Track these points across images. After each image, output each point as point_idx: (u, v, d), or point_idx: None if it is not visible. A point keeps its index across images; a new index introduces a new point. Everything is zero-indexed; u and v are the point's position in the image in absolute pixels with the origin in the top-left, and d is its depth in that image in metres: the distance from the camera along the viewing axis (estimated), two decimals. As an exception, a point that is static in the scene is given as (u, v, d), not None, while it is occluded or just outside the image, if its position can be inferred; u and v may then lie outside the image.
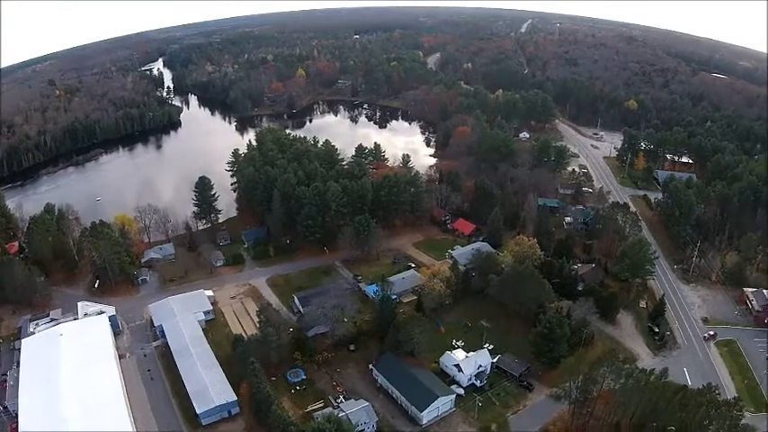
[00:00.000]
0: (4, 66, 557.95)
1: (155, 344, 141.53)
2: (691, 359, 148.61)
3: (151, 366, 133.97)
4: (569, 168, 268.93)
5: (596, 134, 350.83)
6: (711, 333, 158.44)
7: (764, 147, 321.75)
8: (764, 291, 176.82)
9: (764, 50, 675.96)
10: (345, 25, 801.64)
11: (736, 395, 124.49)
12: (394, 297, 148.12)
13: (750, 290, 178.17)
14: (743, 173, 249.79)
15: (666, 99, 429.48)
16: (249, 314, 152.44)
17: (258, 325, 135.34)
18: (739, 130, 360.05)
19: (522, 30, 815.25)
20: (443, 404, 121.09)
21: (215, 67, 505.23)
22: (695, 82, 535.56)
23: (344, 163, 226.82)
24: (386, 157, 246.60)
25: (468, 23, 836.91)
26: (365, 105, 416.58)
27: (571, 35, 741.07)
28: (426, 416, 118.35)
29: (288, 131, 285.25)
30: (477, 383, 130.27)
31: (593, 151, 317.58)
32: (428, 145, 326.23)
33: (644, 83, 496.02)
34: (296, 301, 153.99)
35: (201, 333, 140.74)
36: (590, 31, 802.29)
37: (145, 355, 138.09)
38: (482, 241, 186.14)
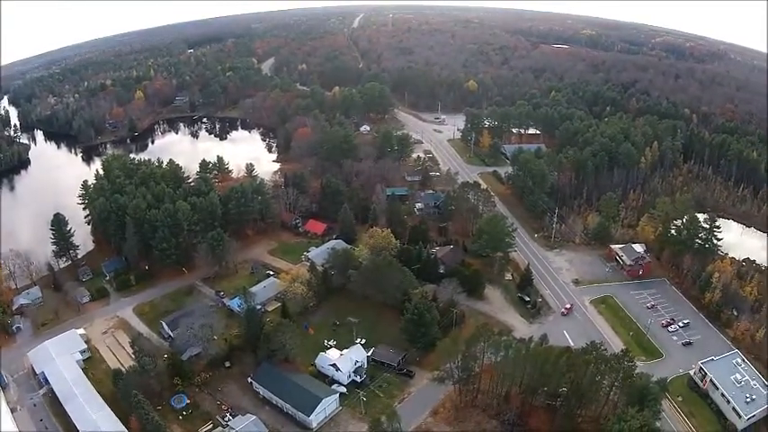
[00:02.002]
0: None
1: (41, 392, 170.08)
2: (569, 322, 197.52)
3: (42, 416, 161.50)
4: (414, 155, 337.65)
5: (438, 118, 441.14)
6: (568, 307, 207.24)
7: (614, 109, 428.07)
8: (633, 245, 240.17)
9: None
10: (179, 40, 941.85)
11: (624, 347, 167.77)
12: (258, 307, 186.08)
13: (617, 246, 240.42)
14: (594, 136, 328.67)
15: (507, 76, 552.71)
16: (123, 347, 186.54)
17: (134, 356, 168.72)
18: (587, 95, 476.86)
19: (355, 25, 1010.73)
20: (329, 405, 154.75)
21: (57, 99, 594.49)
22: (536, 55, 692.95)
23: (190, 181, 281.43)
24: (230, 168, 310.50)
25: (300, 24, 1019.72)
26: (204, 119, 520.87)
27: (405, 24, 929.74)
28: (315, 419, 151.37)
29: (132, 156, 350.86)
30: (358, 379, 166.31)
31: (436, 135, 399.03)
32: (270, 151, 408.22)
33: (483, 63, 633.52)
34: (164, 326, 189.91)
35: (81, 373, 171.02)
36: (424, 19, 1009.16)
37: (35, 405, 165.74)
38: (336, 239, 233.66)
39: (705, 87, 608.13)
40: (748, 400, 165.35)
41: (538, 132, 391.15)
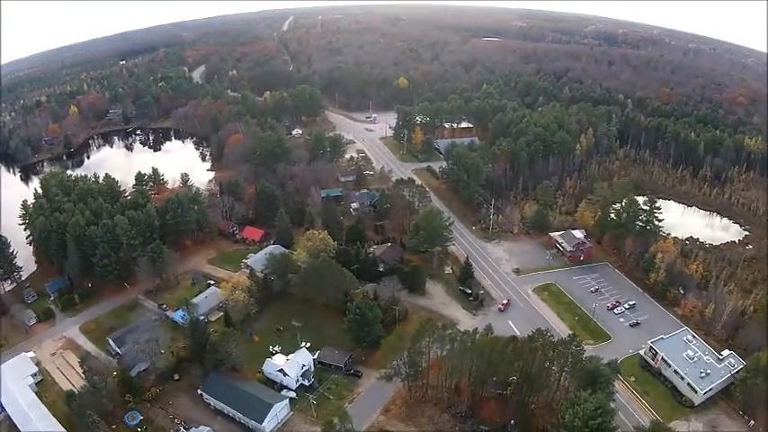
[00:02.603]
0: None
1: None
2: (513, 311, 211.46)
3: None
4: (347, 156, 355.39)
5: (369, 117, 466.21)
6: (505, 302, 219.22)
7: (547, 98, 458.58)
8: (572, 231, 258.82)
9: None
10: (111, 53, 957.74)
11: (571, 332, 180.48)
12: (202, 318, 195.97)
13: (557, 233, 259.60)
14: (528, 126, 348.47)
15: (437, 71, 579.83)
16: (73, 367, 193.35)
17: (84, 376, 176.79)
18: (519, 86, 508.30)
19: (285, 28, 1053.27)
20: (280, 411, 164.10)
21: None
22: (466, 49, 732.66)
23: (127, 194, 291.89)
24: (165, 180, 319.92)
25: (230, 30, 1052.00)
26: (138, 131, 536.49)
27: (334, 25, 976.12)
28: (267, 426, 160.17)
29: (69, 173, 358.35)
30: (306, 383, 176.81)
31: (368, 134, 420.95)
32: (204, 159, 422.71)
33: (412, 59, 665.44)
34: (111, 343, 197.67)
35: (35, 397, 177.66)
36: (353, 19, 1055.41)
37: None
38: (273, 244, 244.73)
39: (639, 72, 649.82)
40: (703, 374, 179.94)
41: (470, 126, 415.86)
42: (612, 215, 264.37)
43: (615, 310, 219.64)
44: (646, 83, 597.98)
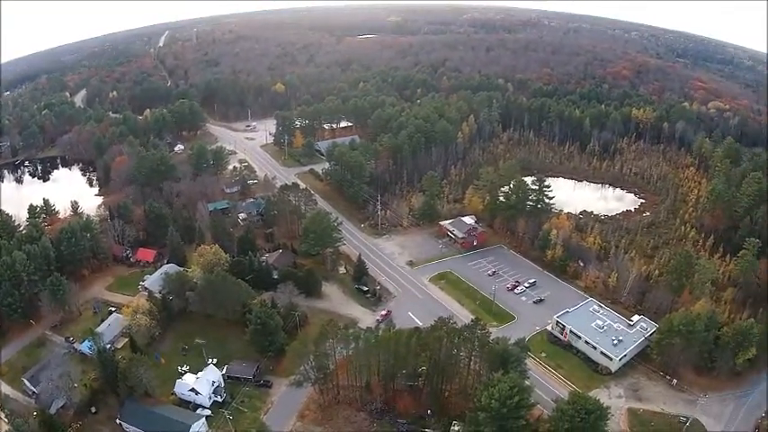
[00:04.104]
0: None
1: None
2: (412, 303, 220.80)
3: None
4: (230, 167, 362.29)
5: (249, 126, 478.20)
6: (384, 313, 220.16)
7: (425, 90, 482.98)
8: (462, 218, 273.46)
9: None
10: None
11: (474, 317, 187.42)
12: (108, 346, 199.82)
13: (447, 222, 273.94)
14: (408, 119, 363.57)
15: (313, 73, 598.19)
16: None
17: (6, 420, 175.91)
18: (396, 81, 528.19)
19: (161, 43, 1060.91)
20: (198, 430, 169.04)
21: None
22: (341, 49, 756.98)
23: (22, 228, 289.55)
24: (56, 210, 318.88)
25: (107, 51, 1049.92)
26: (27, 162, 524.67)
27: (209, 36, 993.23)
28: None
29: None
30: (219, 399, 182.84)
31: (249, 143, 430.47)
32: (92, 185, 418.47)
33: (288, 63, 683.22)
34: (26, 383, 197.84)
35: None
36: (227, 28, 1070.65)
37: None
38: (168, 264, 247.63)
39: (518, 56, 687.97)
40: (615, 342, 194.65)
41: (350, 125, 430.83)
42: (502, 198, 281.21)
43: (516, 290, 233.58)
44: (526, 65, 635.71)
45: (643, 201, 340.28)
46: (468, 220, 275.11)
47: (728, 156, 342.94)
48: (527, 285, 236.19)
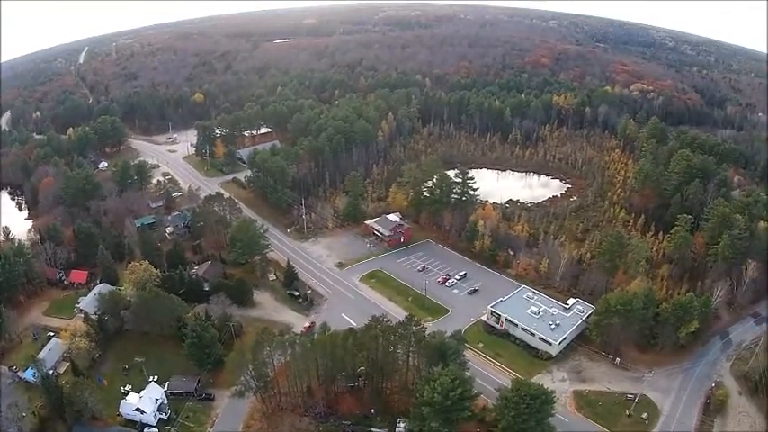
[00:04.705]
0: None
1: None
2: (344, 304, 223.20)
3: None
4: (154, 181, 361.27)
5: (170, 138, 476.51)
6: (307, 325, 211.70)
7: (343, 91, 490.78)
8: (388, 216, 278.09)
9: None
10: None
11: (408, 313, 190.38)
12: (51, 372, 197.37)
13: (372, 221, 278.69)
14: (327, 121, 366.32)
15: (231, 81, 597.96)
16: None
17: None
18: (314, 83, 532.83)
19: (81, 60, 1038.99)
20: None
21: None
22: (258, 55, 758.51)
23: None
24: None
25: (30, 71, 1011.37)
26: None
27: (127, 50, 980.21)
28: None
29: None
30: (164, 416, 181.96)
31: (171, 156, 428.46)
32: (21, 209, 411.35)
33: (206, 73, 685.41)
34: None
35: None
36: (146, 41, 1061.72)
37: None
38: (101, 283, 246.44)
39: (435, 51, 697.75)
40: (553, 326, 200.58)
41: (270, 130, 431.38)
42: (426, 193, 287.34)
43: (447, 284, 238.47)
44: (443, 60, 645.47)
45: (569, 186, 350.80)
46: (394, 217, 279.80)
47: (654, 135, 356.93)
48: (458, 278, 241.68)
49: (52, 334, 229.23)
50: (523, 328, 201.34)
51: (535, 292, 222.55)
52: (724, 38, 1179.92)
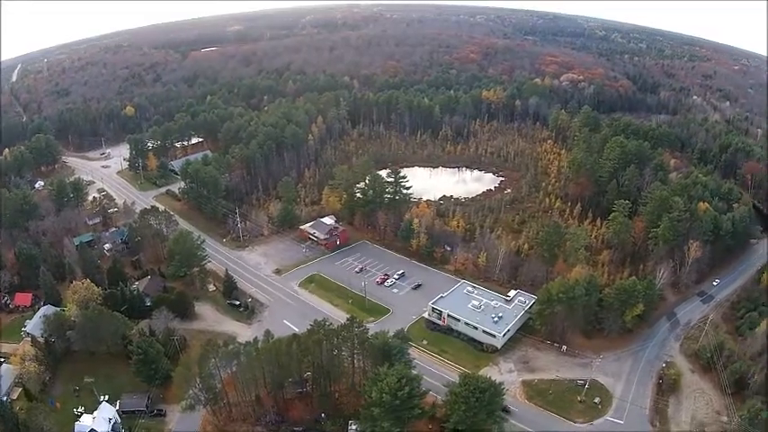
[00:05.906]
0: None
1: None
2: (285, 310, 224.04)
3: None
4: (90, 198, 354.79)
5: (103, 153, 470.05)
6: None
7: (272, 96, 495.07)
8: (322, 219, 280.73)
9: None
10: None
11: (349, 315, 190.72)
12: (5, 398, 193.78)
13: (307, 225, 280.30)
14: (257, 128, 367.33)
15: (161, 92, 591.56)
16: None
17: None
18: (242, 90, 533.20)
19: (14, 78, 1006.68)
20: None
21: None
22: (187, 65, 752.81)
23: None
24: None
25: None
26: None
27: (59, 66, 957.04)
28: None
29: None
30: None
31: (105, 171, 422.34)
32: None
33: (136, 85, 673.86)
34: None
35: None
36: (77, 55, 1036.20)
37: None
38: (45, 305, 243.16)
39: (362, 52, 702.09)
40: (495, 319, 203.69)
41: (201, 140, 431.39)
42: (358, 194, 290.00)
43: (386, 283, 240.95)
44: (370, 60, 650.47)
45: (503, 178, 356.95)
46: (328, 220, 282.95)
47: (587, 124, 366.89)
48: (396, 277, 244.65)
49: (2, 360, 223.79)
50: (466, 323, 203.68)
51: (475, 287, 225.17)
52: (654, 24, 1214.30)
